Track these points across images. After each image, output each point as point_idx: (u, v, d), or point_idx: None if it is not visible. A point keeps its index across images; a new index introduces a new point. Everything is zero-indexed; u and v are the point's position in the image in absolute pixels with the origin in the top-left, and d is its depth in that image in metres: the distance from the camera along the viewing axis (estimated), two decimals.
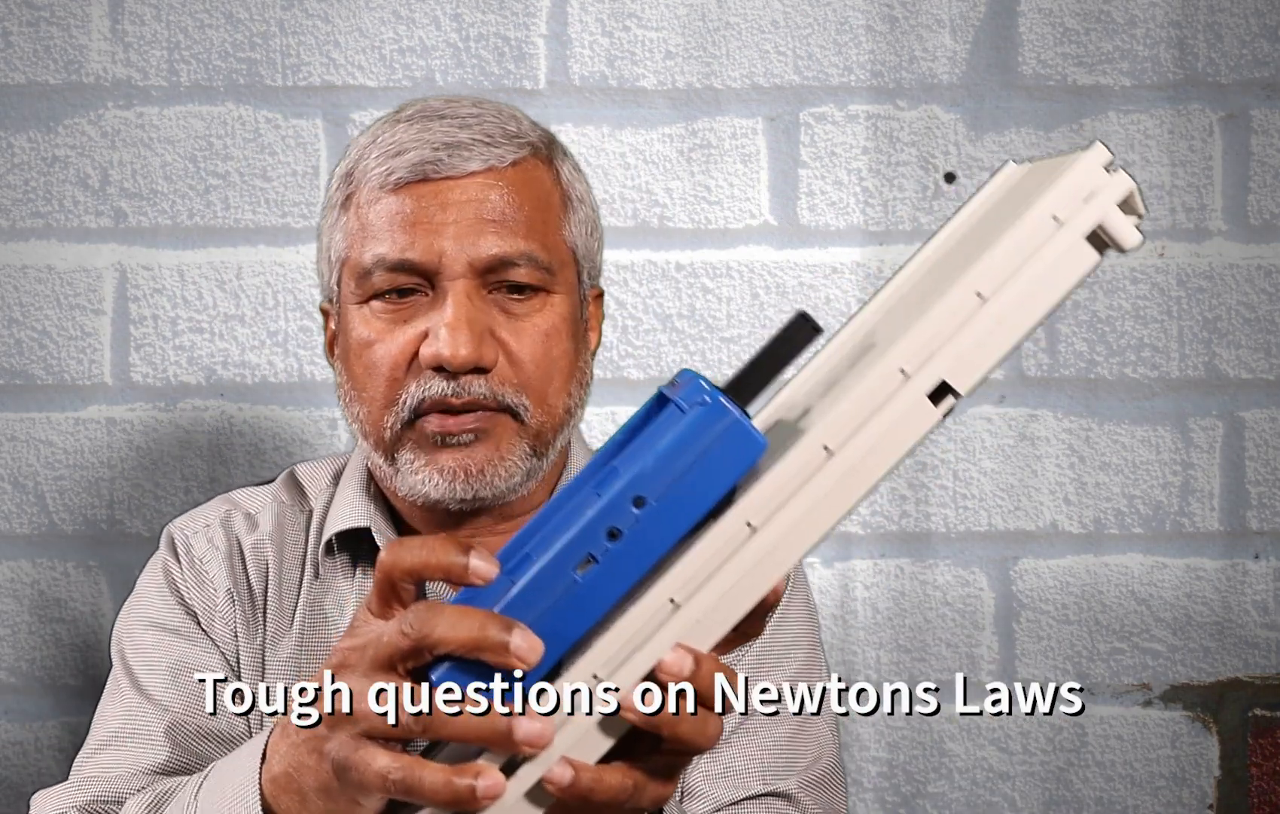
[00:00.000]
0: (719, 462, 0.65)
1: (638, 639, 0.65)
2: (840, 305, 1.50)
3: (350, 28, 1.49)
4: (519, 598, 0.65)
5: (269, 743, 0.76)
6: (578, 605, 0.65)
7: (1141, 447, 1.52)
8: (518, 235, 1.01)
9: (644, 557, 0.65)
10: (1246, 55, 1.51)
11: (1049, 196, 0.63)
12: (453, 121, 1.03)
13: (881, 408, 0.63)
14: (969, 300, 0.63)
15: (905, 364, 0.63)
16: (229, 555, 1.07)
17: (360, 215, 1.03)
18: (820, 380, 0.71)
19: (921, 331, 0.63)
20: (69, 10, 1.48)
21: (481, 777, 0.64)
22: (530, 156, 1.04)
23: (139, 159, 1.49)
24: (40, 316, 1.49)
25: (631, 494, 0.65)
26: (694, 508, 0.65)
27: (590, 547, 0.65)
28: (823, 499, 0.64)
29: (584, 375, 1.07)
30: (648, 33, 1.50)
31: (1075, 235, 0.63)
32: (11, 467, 1.49)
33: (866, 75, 1.50)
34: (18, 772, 1.50)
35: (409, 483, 1.02)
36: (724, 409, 0.65)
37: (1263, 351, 1.52)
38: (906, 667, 1.52)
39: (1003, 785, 1.53)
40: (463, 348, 0.98)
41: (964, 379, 0.63)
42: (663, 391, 0.69)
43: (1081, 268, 0.63)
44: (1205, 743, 1.53)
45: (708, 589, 0.64)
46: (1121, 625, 1.52)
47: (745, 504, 0.64)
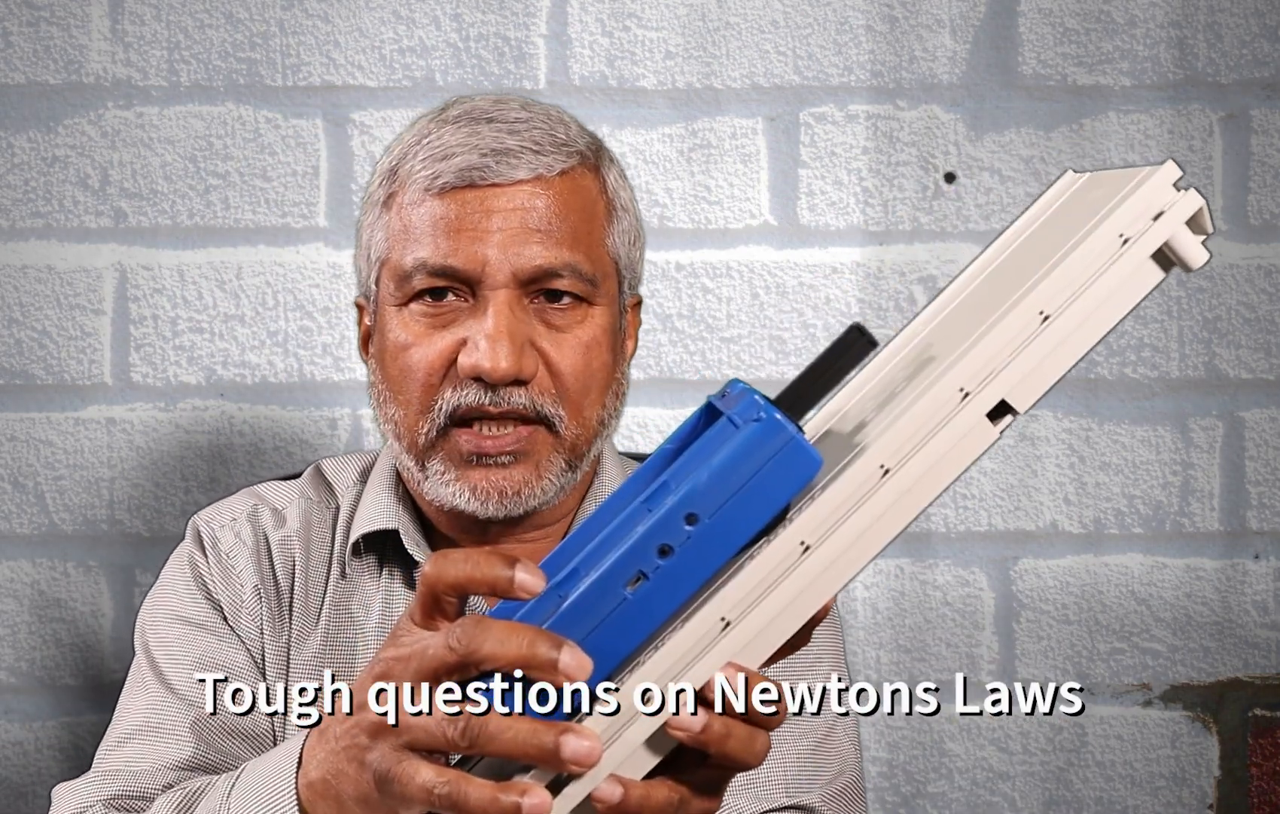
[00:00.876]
0: (774, 479, 0.64)
1: (688, 658, 0.64)
2: (840, 305, 1.50)
3: (350, 28, 1.49)
4: (568, 613, 0.65)
5: (305, 747, 0.75)
6: (627, 623, 0.65)
7: (1141, 447, 1.52)
8: (562, 246, 1.00)
9: (695, 574, 0.65)
10: (1246, 55, 1.51)
11: (1118, 215, 0.62)
12: (501, 126, 1.01)
13: (940, 427, 0.62)
14: (1032, 320, 0.62)
15: (966, 383, 0.62)
16: (256, 551, 1.06)
17: (403, 216, 1.01)
18: (872, 392, 0.70)
19: (983, 351, 0.62)
20: (69, 10, 1.48)
21: (528, 795, 0.64)
22: (578, 165, 1.02)
23: (139, 159, 1.49)
24: (40, 316, 1.49)
25: (684, 511, 0.64)
26: (747, 526, 0.65)
27: (641, 564, 0.64)
28: (878, 519, 0.63)
29: (620, 386, 1.06)
30: (648, 33, 1.50)
31: (1142, 254, 0.62)
32: (11, 467, 1.49)
33: (866, 75, 1.50)
34: (18, 772, 1.50)
35: (438, 493, 1.01)
36: (781, 426, 0.64)
37: (1263, 351, 1.52)
38: (906, 667, 1.52)
39: (1003, 785, 1.53)
40: (503, 360, 0.97)
41: (1024, 398, 0.63)
42: (713, 402, 0.68)
43: (1146, 286, 0.63)
44: (1205, 743, 1.53)
45: (760, 609, 0.64)
46: (1121, 625, 1.52)
47: (800, 524, 0.63)
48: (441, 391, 0.99)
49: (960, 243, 1.51)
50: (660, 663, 0.64)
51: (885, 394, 0.68)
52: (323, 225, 1.49)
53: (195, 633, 1.04)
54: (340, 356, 1.50)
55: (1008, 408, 0.63)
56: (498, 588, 0.66)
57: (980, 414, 0.62)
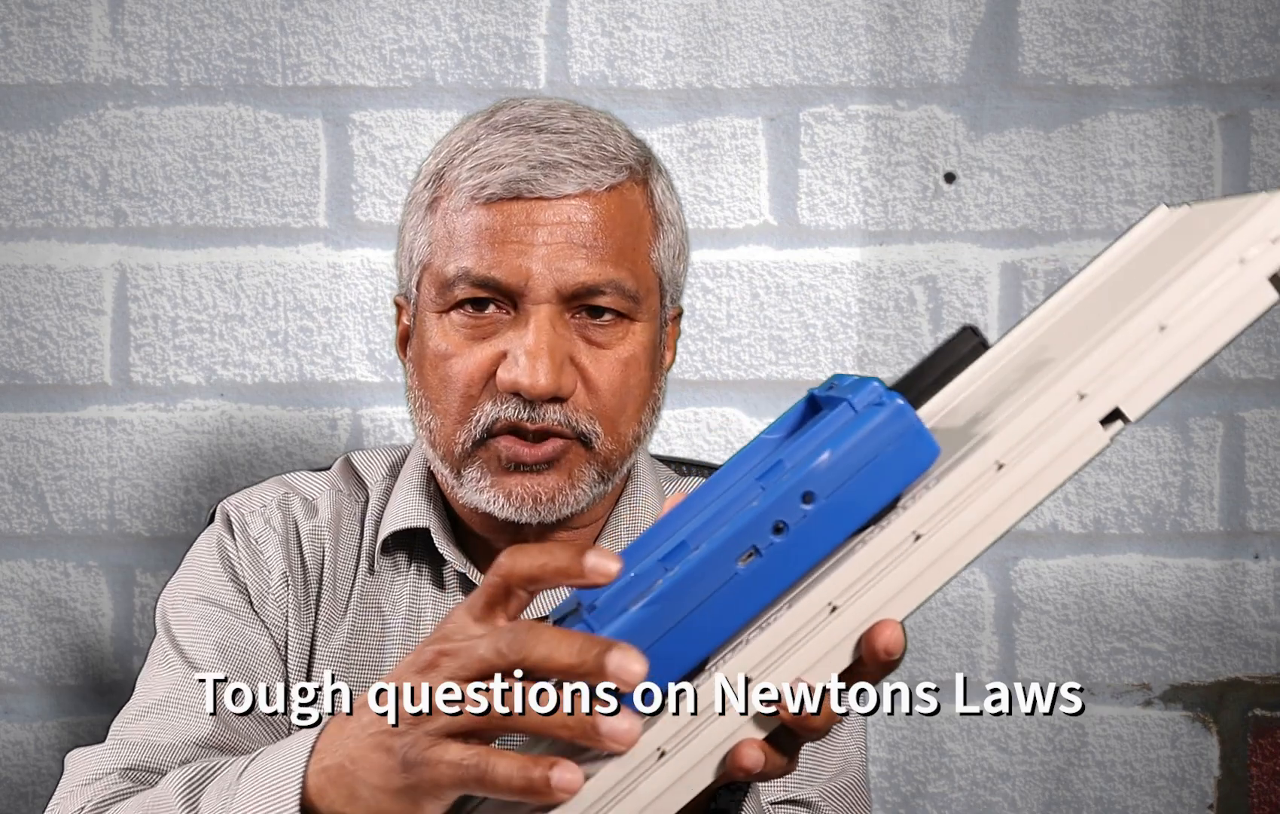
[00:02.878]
0: (893, 464, 0.65)
1: (794, 642, 0.64)
2: (840, 305, 1.50)
3: (350, 28, 1.49)
4: (677, 585, 0.65)
5: (322, 734, 0.74)
6: (736, 597, 0.65)
7: (1141, 447, 1.52)
8: (606, 262, 0.99)
9: (807, 553, 0.65)
10: (1246, 55, 1.51)
11: (1237, 235, 0.64)
12: (551, 137, 1.00)
13: (1056, 428, 0.64)
14: (1150, 330, 0.63)
15: (1084, 387, 0.63)
16: (285, 538, 1.06)
17: (447, 223, 1.00)
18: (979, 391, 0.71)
19: (1102, 356, 0.63)
20: (69, 10, 1.48)
21: (557, 768, 0.63)
22: (627, 180, 1.01)
23: (139, 159, 1.49)
24: (40, 316, 1.49)
25: (802, 490, 0.65)
26: (862, 508, 0.65)
27: (755, 539, 0.65)
28: (989, 514, 0.64)
29: (657, 401, 1.05)
30: (648, 33, 1.50)
31: (1259, 275, 0.64)
32: (11, 467, 1.49)
33: (866, 75, 1.50)
34: (18, 772, 1.50)
35: (473, 499, 1.01)
36: (904, 411, 0.65)
37: (1263, 351, 1.52)
38: (906, 667, 1.52)
39: (1003, 785, 1.53)
40: (542, 377, 0.96)
41: (1136, 406, 0.64)
42: (816, 395, 0.69)
43: (1260, 306, 0.64)
44: (1205, 743, 1.53)
45: (867, 597, 0.64)
46: (1121, 625, 1.52)
47: (914, 513, 0.64)
48: (480, 404, 0.99)
49: (960, 243, 1.51)
50: (767, 643, 0.64)
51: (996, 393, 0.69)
52: (323, 225, 1.49)
53: (220, 614, 1.04)
54: (340, 357, 1.50)
55: (1119, 415, 0.64)
56: (570, 576, 0.66)
57: (1095, 418, 0.64)
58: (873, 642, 0.65)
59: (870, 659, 0.65)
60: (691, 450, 1.51)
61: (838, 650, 0.65)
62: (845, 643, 0.65)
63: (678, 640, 0.65)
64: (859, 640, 0.65)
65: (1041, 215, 1.51)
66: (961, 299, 1.51)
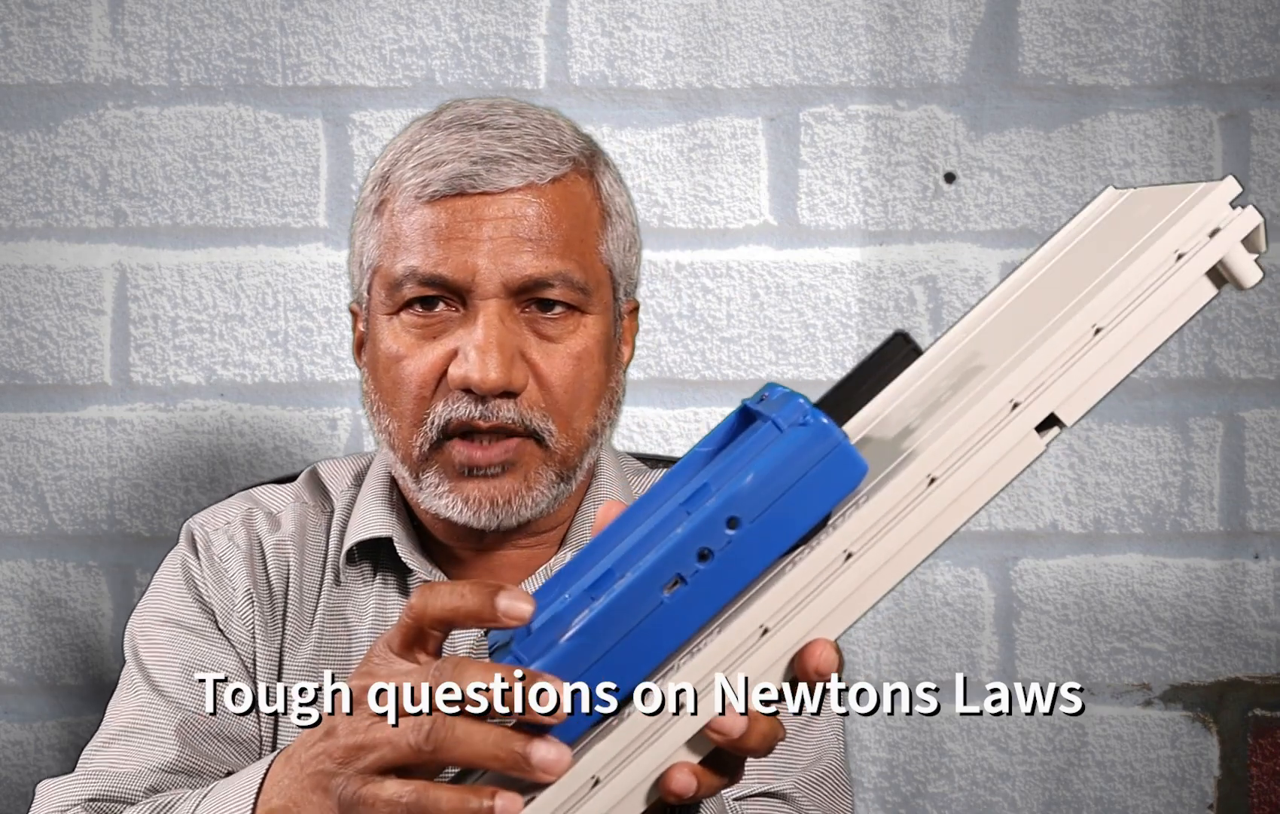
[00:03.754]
0: (819, 485, 0.63)
1: (725, 666, 0.63)
2: (840, 305, 1.50)
3: (350, 28, 1.49)
4: (601, 615, 0.64)
5: (269, 771, 0.75)
6: (663, 626, 0.64)
7: (1141, 447, 1.52)
8: (554, 255, 0.99)
9: (734, 579, 0.64)
10: (1246, 55, 1.51)
11: (1174, 231, 0.62)
12: (493, 132, 1.00)
13: (989, 439, 0.62)
14: (1085, 333, 0.62)
15: (1017, 395, 0.62)
16: (249, 555, 1.06)
17: (394, 224, 1.00)
18: (911, 399, 0.69)
19: (1035, 363, 0.62)
20: (69, 10, 1.48)
21: (499, 796, 0.63)
22: (571, 171, 1.01)
23: (139, 159, 1.49)
24: (40, 316, 1.49)
25: (726, 515, 0.63)
26: (789, 531, 0.64)
27: (679, 567, 0.63)
28: (923, 529, 0.62)
29: (614, 394, 1.05)
30: (648, 33, 1.50)
31: (1197, 271, 0.62)
32: (11, 467, 1.49)
33: (866, 75, 1.50)
34: (18, 772, 1.50)
35: (432, 504, 1.01)
36: (828, 431, 0.63)
37: (1263, 351, 1.52)
38: (906, 667, 1.52)
39: (1003, 785, 1.53)
40: (493, 372, 0.96)
41: (1072, 412, 0.62)
42: (749, 406, 0.67)
43: (1198, 302, 0.63)
44: (1205, 743, 1.53)
45: (799, 618, 0.63)
46: (1121, 625, 1.52)
47: (845, 531, 0.63)
48: (434, 405, 0.99)
49: (960, 243, 1.51)
50: (698, 668, 0.63)
51: (928, 402, 0.68)
52: (323, 225, 1.49)
53: (186, 636, 1.04)
54: (340, 356, 1.50)
55: (1055, 421, 0.63)
56: (483, 618, 0.66)
57: (1029, 426, 0.62)
58: (805, 662, 0.64)
59: (804, 678, 0.65)
60: None
61: (770, 672, 0.64)
62: (778, 665, 0.64)
63: (606, 670, 0.64)
64: (791, 661, 0.64)
65: (1041, 215, 1.51)
66: (961, 299, 1.51)
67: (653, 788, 0.64)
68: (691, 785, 0.64)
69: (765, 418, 0.65)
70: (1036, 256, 0.72)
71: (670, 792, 0.64)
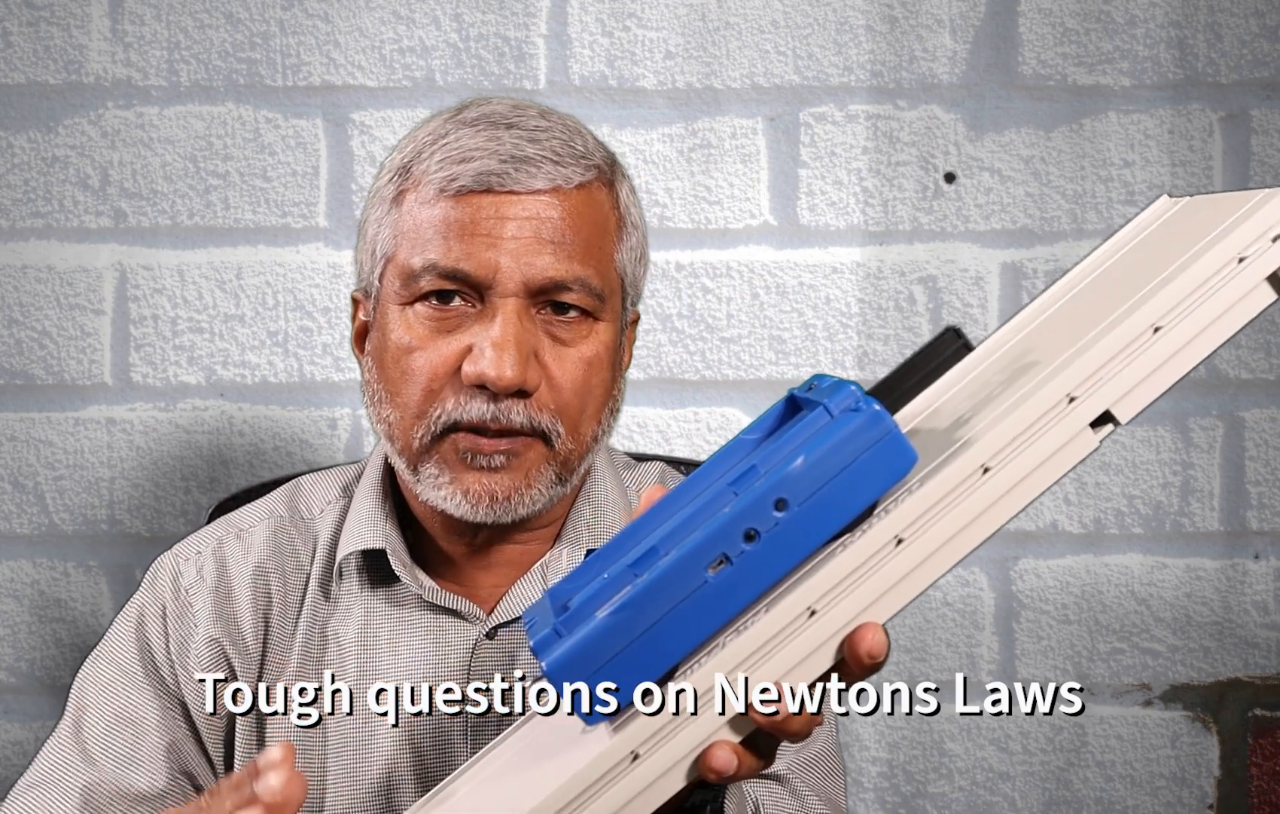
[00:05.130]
0: (869, 471, 0.64)
1: (771, 646, 0.63)
2: (840, 305, 1.50)
3: (350, 28, 1.49)
4: (645, 591, 0.64)
5: None
6: (706, 605, 0.64)
7: (1141, 447, 1.52)
8: (574, 259, 0.99)
9: (780, 561, 0.64)
10: (1246, 55, 1.51)
11: (1236, 234, 0.62)
12: (521, 133, 1.00)
13: (1044, 432, 0.62)
14: (1144, 332, 0.62)
15: (1074, 390, 0.62)
16: (216, 589, 1.05)
17: (413, 215, 1.00)
18: (962, 393, 0.69)
19: (1093, 358, 0.62)
20: (69, 10, 1.48)
21: None
22: (595, 179, 1.02)
23: (139, 159, 1.49)
24: (40, 316, 1.49)
25: (774, 497, 0.63)
26: (836, 517, 0.64)
27: (725, 547, 0.63)
28: (975, 518, 0.63)
29: (616, 402, 1.05)
30: (648, 33, 1.50)
31: (1258, 275, 0.62)
32: (11, 467, 1.49)
33: (866, 75, 1.50)
34: (18, 772, 1.50)
35: (430, 495, 1.00)
36: (881, 417, 0.64)
37: (1263, 351, 1.52)
38: (906, 667, 1.52)
39: (1003, 785, 1.53)
40: (509, 369, 0.96)
41: (1128, 409, 0.63)
42: (796, 395, 0.67)
43: (1257, 306, 0.63)
44: (1205, 743, 1.53)
45: (847, 602, 0.63)
46: (1121, 625, 1.52)
47: (896, 517, 0.63)
48: (442, 400, 0.98)
49: (960, 243, 1.51)
50: (744, 647, 0.63)
51: (980, 395, 0.68)
52: (323, 225, 1.49)
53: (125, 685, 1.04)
54: (340, 356, 1.50)
55: (1110, 418, 0.63)
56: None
57: (1085, 422, 0.62)
58: (855, 646, 0.64)
59: (854, 662, 0.65)
60: (692, 450, 1.51)
61: (818, 654, 0.64)
62: (826, 647, 0.64)
63: (646, 647, 0.64)
64: (841, 644, 0.64)
65: (1041, 215, 1.51)
66: (961, 299, 1.51)
67: (693, 766, 0.64)
68: (732, 763, 0.64)
69: (815, 404, 0.65)
70: (1088, 260, 0.72)
71: (710, 769, 0.64)
